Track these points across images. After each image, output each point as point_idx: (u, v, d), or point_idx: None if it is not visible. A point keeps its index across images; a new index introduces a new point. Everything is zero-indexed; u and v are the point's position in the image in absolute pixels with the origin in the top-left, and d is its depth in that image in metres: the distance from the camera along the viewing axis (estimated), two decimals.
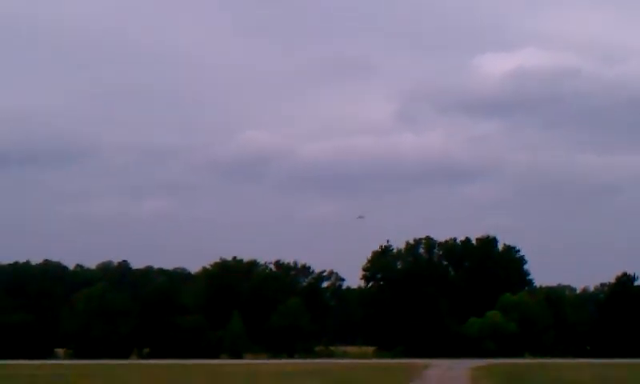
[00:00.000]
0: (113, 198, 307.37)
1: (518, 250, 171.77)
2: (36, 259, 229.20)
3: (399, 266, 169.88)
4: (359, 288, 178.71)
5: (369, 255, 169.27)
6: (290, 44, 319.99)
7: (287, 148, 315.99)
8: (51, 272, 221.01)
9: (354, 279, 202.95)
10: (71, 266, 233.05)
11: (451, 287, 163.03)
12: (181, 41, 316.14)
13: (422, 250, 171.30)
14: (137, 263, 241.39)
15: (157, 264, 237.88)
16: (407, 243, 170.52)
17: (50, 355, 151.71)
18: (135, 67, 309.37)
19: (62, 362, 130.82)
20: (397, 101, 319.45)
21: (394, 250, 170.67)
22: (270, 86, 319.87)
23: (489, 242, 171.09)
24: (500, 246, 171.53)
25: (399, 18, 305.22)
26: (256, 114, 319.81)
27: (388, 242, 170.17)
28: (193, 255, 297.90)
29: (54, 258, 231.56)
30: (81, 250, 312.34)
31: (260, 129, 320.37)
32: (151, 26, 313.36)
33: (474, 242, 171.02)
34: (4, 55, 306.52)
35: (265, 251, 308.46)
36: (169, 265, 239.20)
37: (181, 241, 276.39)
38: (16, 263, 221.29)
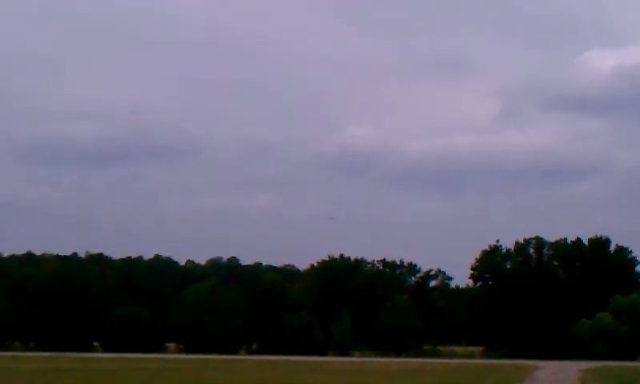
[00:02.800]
0: (221, 193, 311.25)
1: (631, 251, 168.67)
2: (147, 254, 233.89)
3: (508, 266, 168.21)
4: (467, 287, 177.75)
5: (477, 254, 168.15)
6: (394, 40, 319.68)
7: (391, 145, 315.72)
8: (162, 267, 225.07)
9: (461, 278, 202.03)
10: (182, 261, 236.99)
11: (561, 288, 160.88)
12: (286, 36, 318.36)
13: (531, 250, 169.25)
14: (246, 260, 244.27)
15: (265, 261, 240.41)
16: (517, 243, 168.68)
17: (161, 349, 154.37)
18: (241, 63, 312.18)
19: (173, 357, 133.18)
20: (500, 98, 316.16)
21: (503, 250, 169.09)
22: (374, 82, 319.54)
23: (601, 243, 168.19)
24: (612, 247, 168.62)
25: (502, 13, 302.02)
26: (360, 109, 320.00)
27: (498, 241, 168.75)
28: (301, 252, 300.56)
29: (165, 254, 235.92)
30: (191, 245, 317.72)
31: (363, 125, 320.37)
32: (256, 20, 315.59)
33: (585, 242, 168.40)
34: (113, 52, 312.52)
35: (371, 249, 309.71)
36: (277, 261, 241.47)
37: (289, 237, 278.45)
38: (128, 258, 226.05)
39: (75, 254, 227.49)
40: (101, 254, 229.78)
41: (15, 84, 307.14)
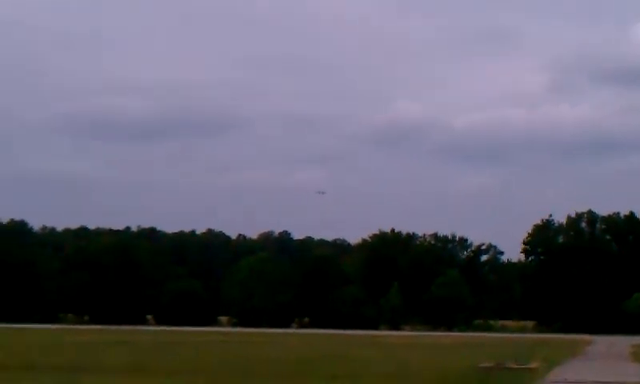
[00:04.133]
0: (272, 168, 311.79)
1: None
2: (200, 229, 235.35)
3: (560, 241, 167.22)
4: (519, 262, 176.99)
5: (529, 229, 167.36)
6: (445, 15, 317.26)
7: (440, 119, 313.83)
8: (214, 241, 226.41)
9: (513, 253, 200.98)
10: (234, 235, 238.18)
11: (613, 262, 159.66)
12: (336, 10, 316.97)
13: (583, 225, 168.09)
14: (297, 234, 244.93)
15: (317, 235, 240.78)
16: (569, 217, 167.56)
17: (214, 323, 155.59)
18: (288, 36, 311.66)
19: (225, 330, 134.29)
20: (551, 71, 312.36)
21: (556, 224, 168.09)
22: (423, 57, 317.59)
23: None
24: None
25: None
26: (409, 84, 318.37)
27: (550, 216, 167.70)
28: (351, 226, 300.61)
29: (217, 228, 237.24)
30: (243, 220, 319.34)
31: (413, 99, 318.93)
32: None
33: (638, 216, 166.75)
34: (162, 28, 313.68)
35: (422, 223, 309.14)
36: (328, 235, 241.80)
37: (339, 212, 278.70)
38: (181, 232, 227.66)
39: (128, 228, 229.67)
40: (153, 229, 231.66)
41: (69, 60, 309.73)
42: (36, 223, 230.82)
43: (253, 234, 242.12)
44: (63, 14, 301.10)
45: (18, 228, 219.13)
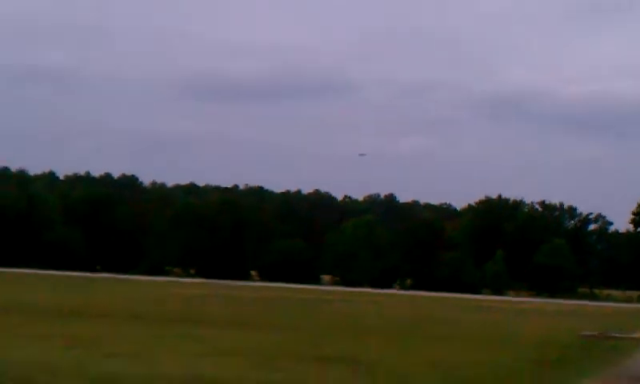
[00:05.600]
0: (379, 132, 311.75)
1: None
2: (306, 189, 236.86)
3: None
4: (627, 232, 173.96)
5: (639, 199, 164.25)
6: None
7: (550, 88, 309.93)
8: (321, 201, 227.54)
9: (622, 223, 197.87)
10: (340, 197, 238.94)
11: None
12: None
13: None
14: (403, 197, 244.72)
15: (423, 199, 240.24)
16: None
17: (317, 281, 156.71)
18: (398, 8, 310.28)
19: (328, 288, 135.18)
20: None
21: None
22: (532, 26, 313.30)
23: None
24: None
25: None
26: (518, 52, 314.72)
27: None
28: (458, 192, 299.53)
29: (324, 189, 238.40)
30: (349, 182, 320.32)
31: (522, 67, 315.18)
32: None
33: None
34: None
35: (530, 191, 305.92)
36: (434, 200, 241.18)
37: (446, 177, 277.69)
38: (288, 192, 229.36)
39: (236, 186, 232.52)
40: (261, 187, 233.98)
41: (182, 22, 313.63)
42: (146, 179, 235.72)
43: (359, 195, 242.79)
44: None
45: (130, 182, 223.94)
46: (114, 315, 45.45)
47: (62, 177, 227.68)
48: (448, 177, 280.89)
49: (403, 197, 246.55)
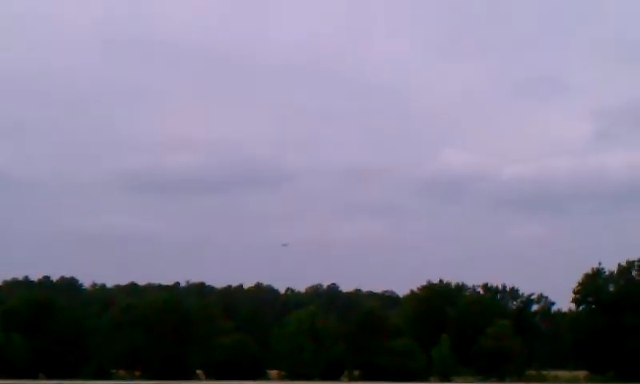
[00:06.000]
0: (319, 221, 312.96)
1: None
2: (248, 283, 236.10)
3: (611, 289, 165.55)
4: (570, 311, 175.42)
5: (579, 278, 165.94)
6: (486, 64, 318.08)
7: (488, 168, 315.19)
8: (263, 295, 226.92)
9: (564, 302, 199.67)
10: (282, 289, 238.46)
11: None
12: (378, 63, 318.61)
13: (634, 273, 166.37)
14: (345, 286, 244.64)
15: (365, 287, 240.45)
16: (619, 265, 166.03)
17: (263, 376, 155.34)
18: (329, 91, 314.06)
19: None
20: (596, 119, 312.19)
21: (606, 273, 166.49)
22: (466, 107, 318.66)
23: None
24: None
25: (594, 32, 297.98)
26: (455, 134, 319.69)
27: (600, 264, 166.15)
28: (401, 277, 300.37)
29: (266, 282, 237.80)
30: (291, 273, 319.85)
31: (460, 149, 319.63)
32: (357, 48, 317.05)
33: None
34: (211, 87, 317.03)
35: (471, 273, 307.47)
36: (377, 288, 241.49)
37: (388, 263, 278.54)
38: (229, 287, 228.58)
39: (177, 283, 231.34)
40: (202, 283, 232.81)
41: (119, 117, 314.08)
42: (86, 280, 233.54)
43: (301, 287, 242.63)
44: (114, 75, 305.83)
45: (69, 285, 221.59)
46: None
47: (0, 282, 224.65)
48: (390, 263, 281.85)
49: (345, 286, 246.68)
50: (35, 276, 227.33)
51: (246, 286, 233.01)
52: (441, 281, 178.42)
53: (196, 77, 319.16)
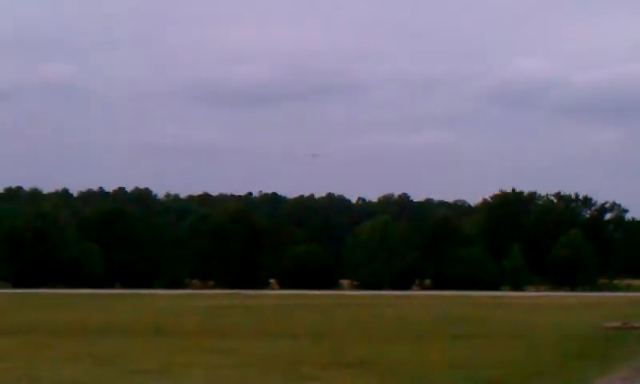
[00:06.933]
0: (389, 130, 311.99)
1: None
2: (319, 193, 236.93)
3: None
4: None
5: None
6: None
7: (561, 75, 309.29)
8: (335, 204, 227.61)
9: (638, 211, 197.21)
10: (354, 198, 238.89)
11: None
12: None
13: None
14: (417, 196, 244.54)
15: (437, 196, 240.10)
16: None
17: (335, 286, 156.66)
18: (403, 1, 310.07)
19: (346, 293, 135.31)
20: None
21: None
22: (540, 12, 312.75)
23: None
24: None
25: None
26: (527, 40, 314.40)
27: None
28: (472, 187, 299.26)
29: (337, 192, 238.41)
30: (362, 183, 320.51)
31: (532, 56, 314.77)
32: None
33: None
34: None
35: (544, 182, 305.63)
36: (449, 197, 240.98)
37: (459, 172, 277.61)
38: (301, 196, 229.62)
39: (250, 193, 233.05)
40: (275, 194, 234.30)
41: (185, 30, 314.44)
42: (160, 191, 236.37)
43: (372, 196, 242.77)
44: None
45: (143, 195, 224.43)
46: (138, 331, 45.64)
47: (75, 194, 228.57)
48: (461, 172, 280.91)
49: (417, 195, 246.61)
50: (110, 187, 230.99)
51: (317, 196, 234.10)
52: (513, 189, 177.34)
53: None
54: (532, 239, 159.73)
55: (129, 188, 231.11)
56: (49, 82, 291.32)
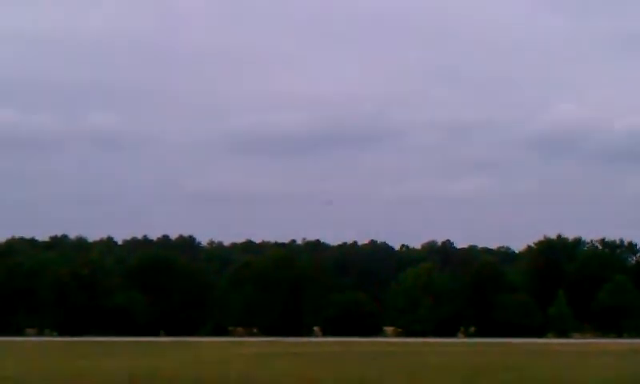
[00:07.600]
0: (429, 177, 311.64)
1: None
2: (363, 240, 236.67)
3: None
4: None
5: None
6: (596, 17, 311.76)
7: (601, 121, 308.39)
8: (377, 252, 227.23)
9: None
10: (397, 246, 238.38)
11: None
12: (483, 18, 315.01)
13: None
14: (460, 243, 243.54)
15: (480, 243, 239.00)
16: None
17: (379, 333, 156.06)
18: (440, 48, 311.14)
19: (391, 340, 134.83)
20: None
21: None
22: (576, 59, 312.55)
23: None
24: None
25: None
26: (564, 88, 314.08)
27: None
28: (515, 233, 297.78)
29: (380, 239, 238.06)
30: (405, 230, 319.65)
31: (572, 102, 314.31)
32: (454, 5, 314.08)
33: None
34: (315, 47, 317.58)
35: (588, 228, 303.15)
36: (492, 244, 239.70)
37: (502, 219, 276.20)
38: (344, 244, 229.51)
39: (293, 240, 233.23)
40: (318, 241, 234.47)
41: (226, 80, 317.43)
42: (203, 239, 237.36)
43: (416, 244, 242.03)
44: (225, 39, 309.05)
45: (187, 243, 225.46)
46: (188, 380, 45.78)
47: (119, 242, 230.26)
48: (504, 219, 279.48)
49: (460, 242, 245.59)
50: (154, 235, 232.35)
51: (360, 243, 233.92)
52: (558, 236, 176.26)
53: (298, 33, 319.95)
54: (577, 285, 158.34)
55: (173, 236, 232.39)
56: (98, 130, 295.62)
